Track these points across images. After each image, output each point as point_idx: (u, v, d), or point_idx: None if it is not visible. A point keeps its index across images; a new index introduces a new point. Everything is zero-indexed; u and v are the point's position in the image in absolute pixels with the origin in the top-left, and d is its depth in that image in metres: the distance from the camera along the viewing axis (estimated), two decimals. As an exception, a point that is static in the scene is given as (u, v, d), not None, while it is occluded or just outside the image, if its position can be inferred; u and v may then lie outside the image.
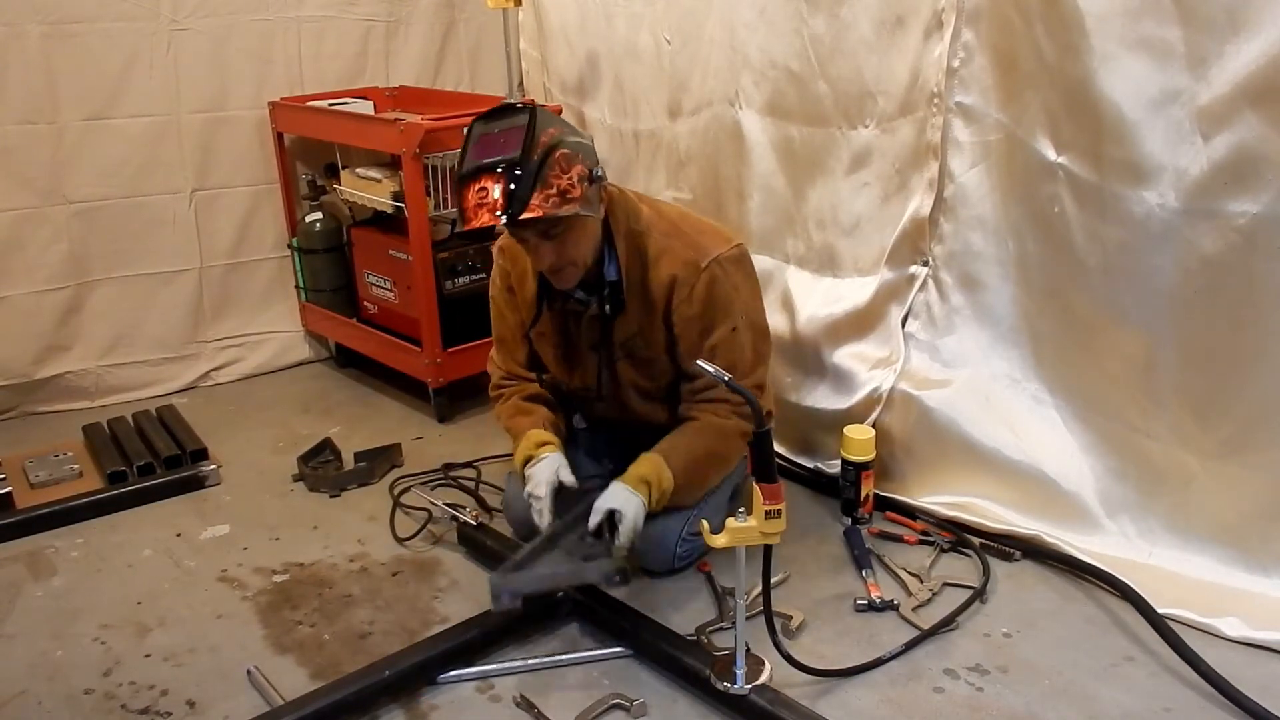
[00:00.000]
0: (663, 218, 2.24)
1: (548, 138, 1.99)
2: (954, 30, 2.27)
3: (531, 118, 1.99)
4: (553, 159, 1.98)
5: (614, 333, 2.25)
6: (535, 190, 1.96)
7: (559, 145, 2.00)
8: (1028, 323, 2.37)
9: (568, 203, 1.99)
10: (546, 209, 1.97)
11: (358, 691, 1.88)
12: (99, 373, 3.36)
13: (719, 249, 2.19)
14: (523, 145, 1.97)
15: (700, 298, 2.16)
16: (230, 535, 2.57)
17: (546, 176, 1.97)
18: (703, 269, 2.15)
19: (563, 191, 1.98)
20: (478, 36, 3.79)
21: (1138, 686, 1.90)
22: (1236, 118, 1.87)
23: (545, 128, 2.00)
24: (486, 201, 1.98)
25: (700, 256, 2.17)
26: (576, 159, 2.02)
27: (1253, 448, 2.04)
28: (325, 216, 3.49)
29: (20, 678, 2.04)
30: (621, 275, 2.18)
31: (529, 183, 1.96)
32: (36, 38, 3.05)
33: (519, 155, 1.96)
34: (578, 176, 2.01)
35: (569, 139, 2.03)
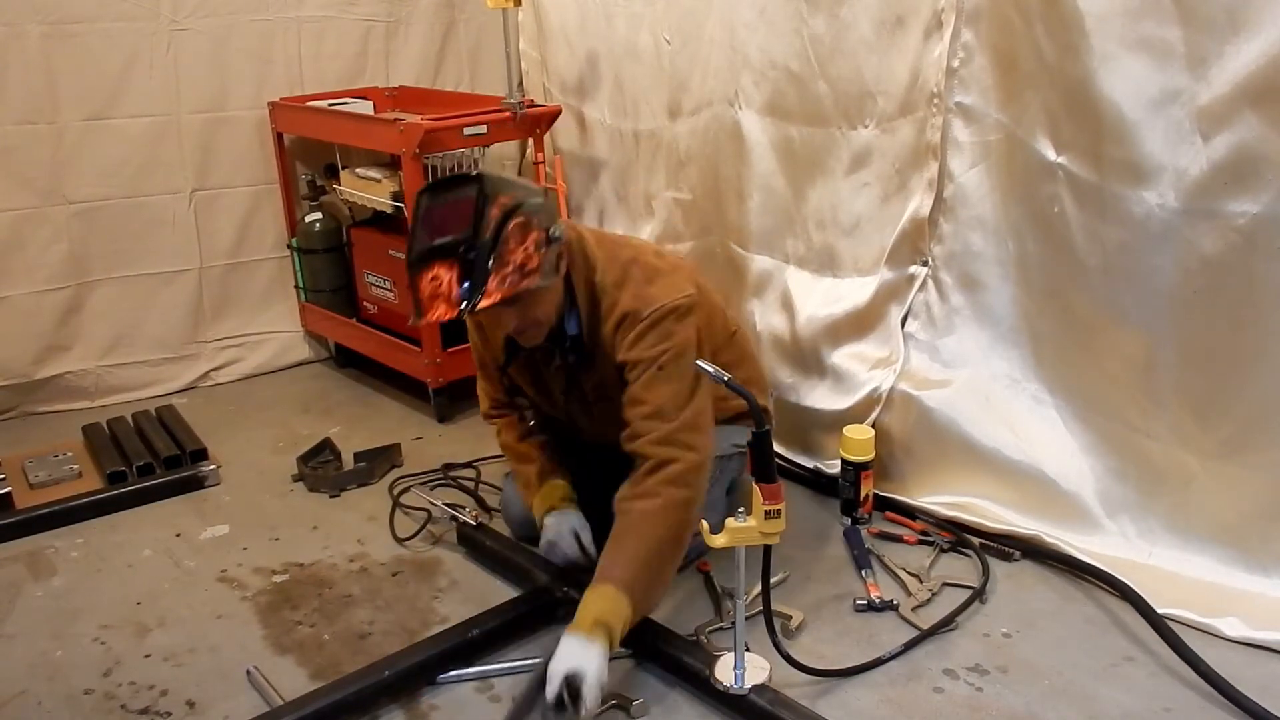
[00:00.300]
0: (615, 263, 2.10)
1: (499, 208, 1.87)
2: (954, 30, 2.27)
3: (480, 187, 1.88)
4: (507, 231, 1.87)
5: (583, 382, 2.18)
6: (492, 273, 1.85)
7: (513, 214, 1.88)
8: (1027, 323, 2.37)
9: (527, 276, 1.88)
10: (505, 290, 1.86)
11: (357, 692, 1.88)
12: (99, 373, 3.36)
13: (662, 299, 2.04)
14: (473, 221, 1.86)
15: (639, 341, 2.03)
16: (230, 535, 2.57)
17: (502, 253, 1.86)
18: (644, 317, 2.02)
19: (520, 266, 1.87)
20: (477, 37, 3.79)
21: (1137, 686, 1.90)
22: (1236, 118, 1.87)
23: (496, 196, 1.88)
24: (441, 291, 1.87)
25: (644, 306, 2.03)
26: (532, 225, 1.90)
27: (1253, 448, 2.04)
28: (325, 217, 3.49)
29: (20, 678, 2.04)
30: (582, 329, 2.09)
31: (484, 265, 1.85)
32: (36, 38, 3.05)
33: (470, 234, 1.85)
34: (535, 244, 1.89)
35: (523, 202, 1.91)
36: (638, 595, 1.88)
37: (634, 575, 1.90)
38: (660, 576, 1.97)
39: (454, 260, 1.86)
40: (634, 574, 1.90)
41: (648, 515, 1.95)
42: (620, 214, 3.44)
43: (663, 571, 1.97)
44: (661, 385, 2.00)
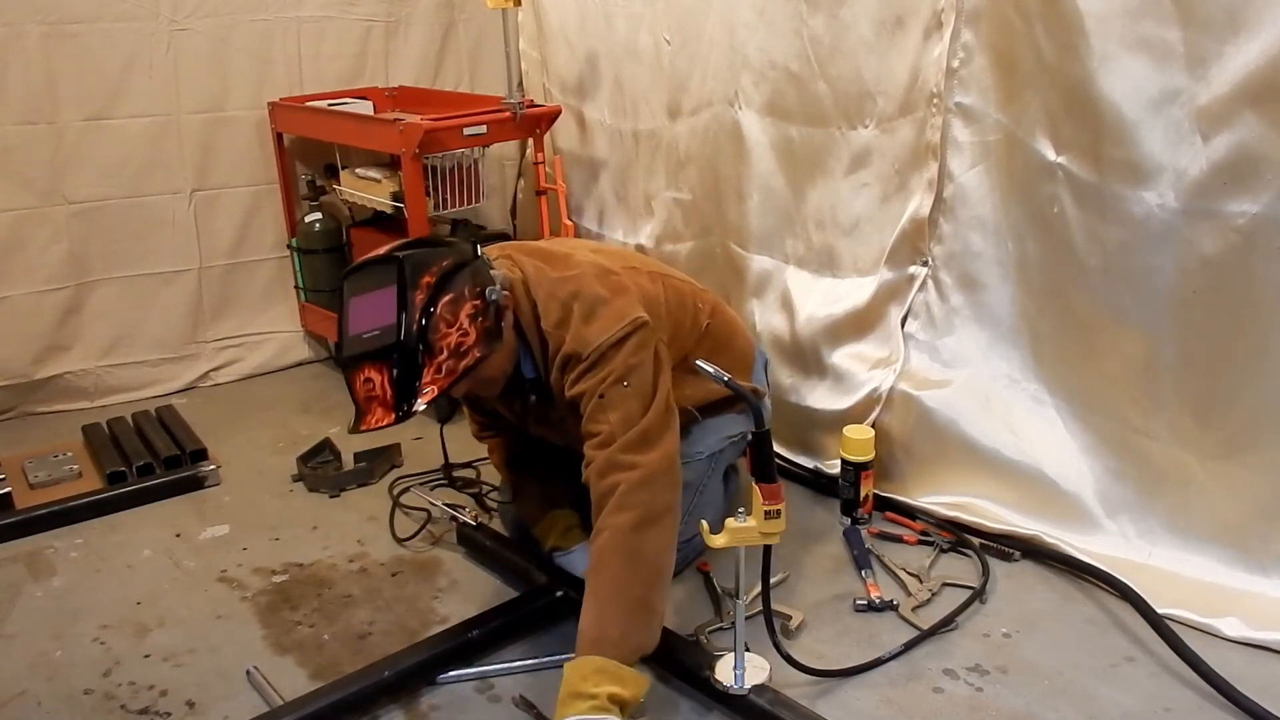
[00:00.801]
0: (554, 302, 1.99)
1: (423, 291, 1.80)
2: (953, 30, 2.27)
3: (400, 272, 1.80)
4: (436, 317, 1.80)
5: (551, 413, 2.13)
6: (425, 366, 1.79)
7: (440, 292, 1.81)
8: (1027, 323, 2.37)
9: (463, 357, 1.82)
10: (442, 381, 1.80)
11: (357, 692, 1.88)
12: (98, 373, 3.36)
13: (602, 336, 1.93)
14: (399, 315, 1.78)
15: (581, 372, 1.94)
16: (230, 535, 2.57)
17: (432, 342, 1.79)
18: (583, 359, 1.94)
19: (455, 348, 1.81)
20: (477, 37, 3.79)
21: (1137, 687, 1.90)
22: (1236, 118, 1.87)
23: (419, 278, 1.81)
24: (375, 394, 1.80)
25: (582, 348, 1.94)
26: (463, 298, 1.83)
27: (1252, 448, 2.04)
28: (325, 217, 3.49)
29: (20, 678, 2.04)
30: (538, 370, 2.04)
31: (415, 363, 1.78)
32: (36, 38, 3.05)
33: (395, 329, 1.78)
34: (468, 318, 1.83)
35: (450, 274, 1.83)
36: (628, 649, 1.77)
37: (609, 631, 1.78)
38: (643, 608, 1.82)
39: (384, 361, 1.79)
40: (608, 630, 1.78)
41: (601, 556, 1.84)
42: (620, 214, 3.44)
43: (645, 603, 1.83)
44: (607, 412, 1.90)
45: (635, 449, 1.88)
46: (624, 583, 1.82)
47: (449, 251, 1.90)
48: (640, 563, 1.83)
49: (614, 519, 1.84)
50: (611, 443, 1.89)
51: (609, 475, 1.87)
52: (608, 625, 1.78)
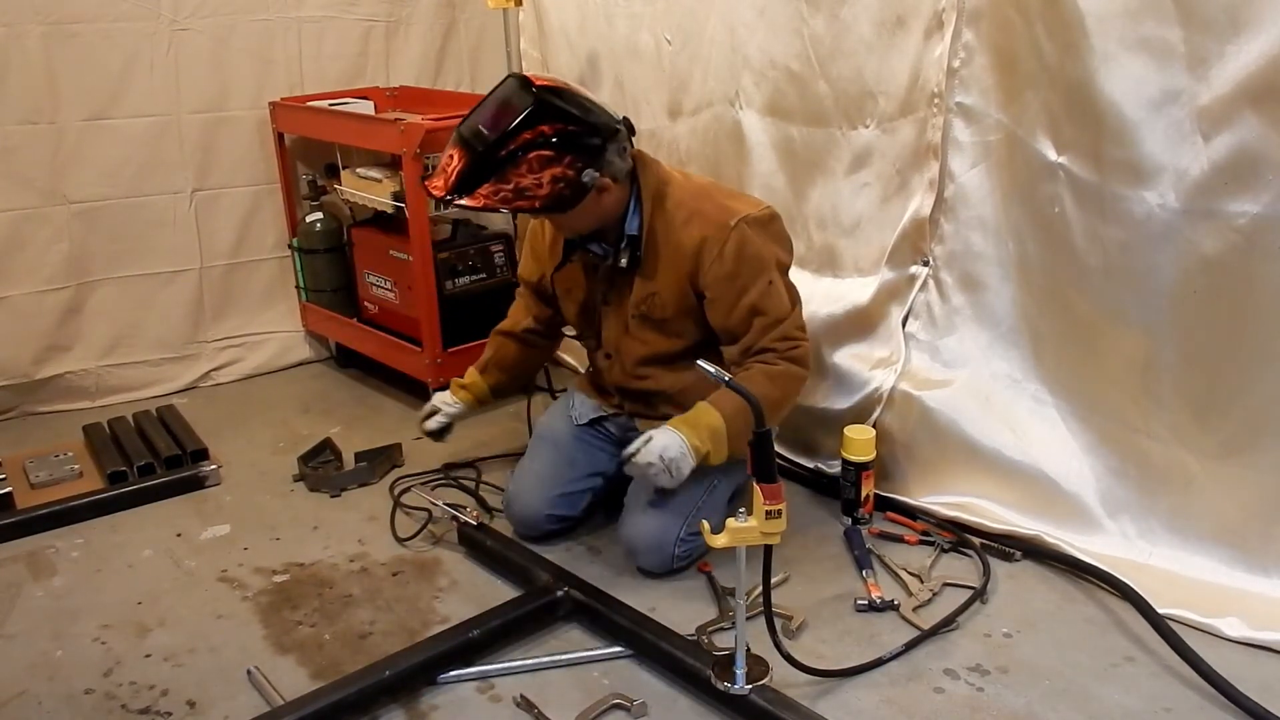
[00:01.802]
0: (692, 182, 2.29)
1: (534, 134, 2.01)
2: (954, 30, 2.27)
3: (534, 108, 2.01)
4: (523, 158, 2.02)
5: (632, 291, 2.27)
6: (489, 180, 2.03)
7: (543, 144, 2.02)
8: (1028, 323, 2.37)
9: (523, 200, 2.05)
10: (492, 201, 2.05)
11: (358, 692, 1.88)
12: (99, 373, 3.36)
13: (747, 210, 2.21)
14: (504, 131, 2.00)
15: (731, 256, 2.17)
16: (230, 535, 2.57)
17: (506, 172, 2.02)
18: (731, 228, 2.16)
19: (520, 190, 2.04)
20: (478, 37, 3.79)
21: (1138, 687, 1.90)
22: (1237, 118, 1.87)
23: (541, 121, 2.02)
24: (446, 170, 2.07)
25: (728, 217, 2.18)
26: (558, 161, 2.04)
27: (1253, 448, 2.04)
28: (326, 216, 3.49)
29: (20, 678, 2.04)
30: (642, 231, 2.21)
31: (485, 171, 2.02)
32: (37, 38, 3.05)
33: (492, 141, 2.01)
34: (550, 178, 2.04)
35: (562, 136, 2.04)
36: (733, 432, 2.14)
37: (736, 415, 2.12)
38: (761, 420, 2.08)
39: (467, 153, 2.04)
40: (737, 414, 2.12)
41: (768, 374, 2.17)
42: (621, 214, 3.43)
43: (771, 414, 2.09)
44: (773, 297, 2.20)
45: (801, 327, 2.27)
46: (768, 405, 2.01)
47: (586, 123, 2.09)
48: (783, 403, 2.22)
49: (791, 366, 2.20)
50: (782, 319, 2.21)
51: (787, 341, 2.21)
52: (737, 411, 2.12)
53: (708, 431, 2.15)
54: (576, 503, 2.45)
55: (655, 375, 2.35)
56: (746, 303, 2.19)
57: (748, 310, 2.19)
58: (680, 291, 2.23)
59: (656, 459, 2.11)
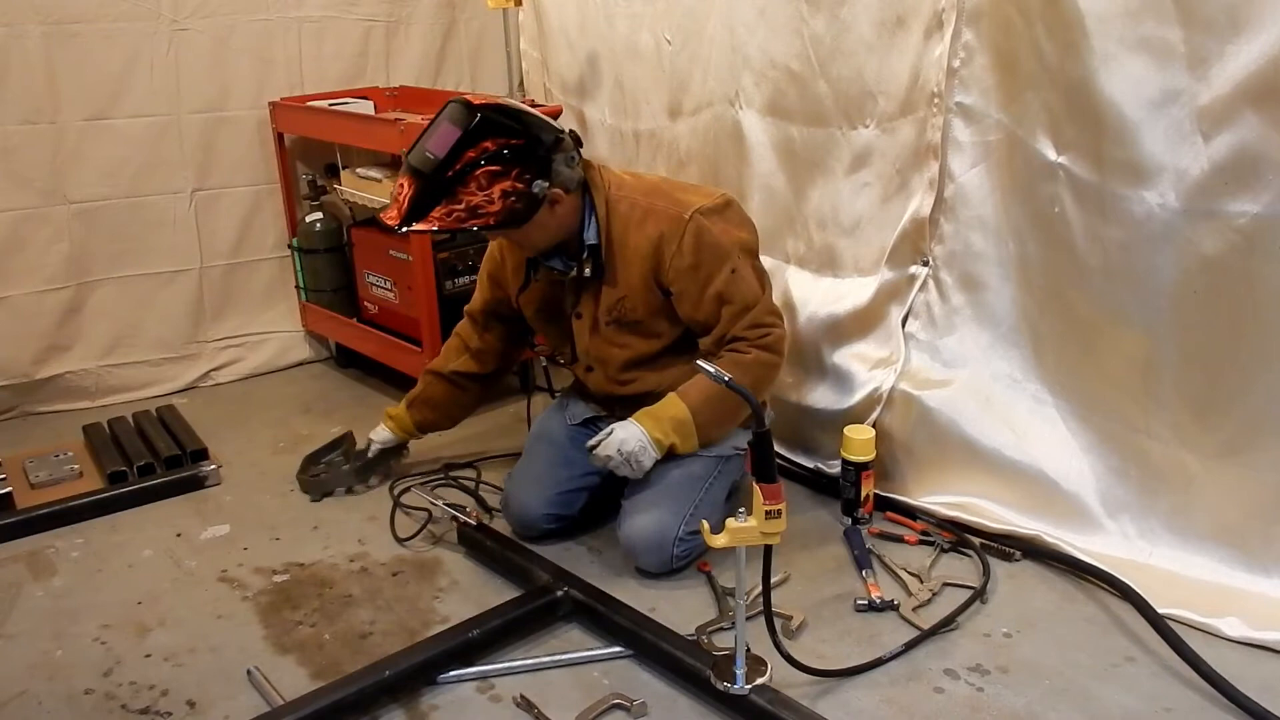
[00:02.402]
0: (643, 181, 2.31)
1: (478, 151, 2.04)
2: (954, 30, 2.27)
3: (475, 126, 2.03)
4: (473, 174, 2.04)
5: (600, 299, 2.29)
6: (440, 204, 2.05)
7: (489, 160, 2.04)
8: (1028, 323, 2.37)
9: (476, 218, 2.07)
10: (445, 223, 2.07)
11: (358, 692, 1.88)
12: (99, 373, 3.36)
13: (700, 201, 2.23)
14: (447, 153, 2.03)
15: (690, 248, 2.19)
16: (230, 535, 2.57)
17: (456, 192, 2.05)
18: (686, 220, 2.18)
19: (473, 208, 2.06)
20: (478, 37, 3.79)
21: (1138, 687, 1.90)
22: (1237, 118, 1.87)
23: (481, 140, 2.04)
24: (398, 199, 2.09)
25: (682, 210, 2.20)
26: (505, 175, 2.06)
27: (1253, 448, 2.04)
28: (325, 216, 3.49)
29: (20, 678, 2.04)
30: (601, 239, 2.23)
31: (434, 196, 2.05)
32: (37, 38, 3.05)
33: (437, 164, 2.04)
34: (501, 193, 2.06)
35: (508, 150, 2.06)
36: (697, 409, 2.21)
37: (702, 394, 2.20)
38: (729, 418, 2.28)
39: (415, 180, 2.07)
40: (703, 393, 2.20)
41: (738, 362, 2.18)
42: (621, 214, 3.43)
43: (733, 414, 2.28)
44: (739, 284, 2.20)
45: (772, 311, 2.28)
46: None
47: (528, 133, 2.11)
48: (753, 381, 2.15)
49: (762, 353, 2.22)
50: (750, 306, 2.22)
51: (758, 328, 2.22)
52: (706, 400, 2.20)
53: (671, 423, 2.22)
54: (573, 502, 2.45)
55: (641, 377, 2.35)
56: (712, 292, 2.20)
57: (715, 300, 2.21)
58: (647, 291, 2.25)
59: (615, 452, 2.20)
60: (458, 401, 2.68)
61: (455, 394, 2.66)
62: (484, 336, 2.60)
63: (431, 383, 2.66)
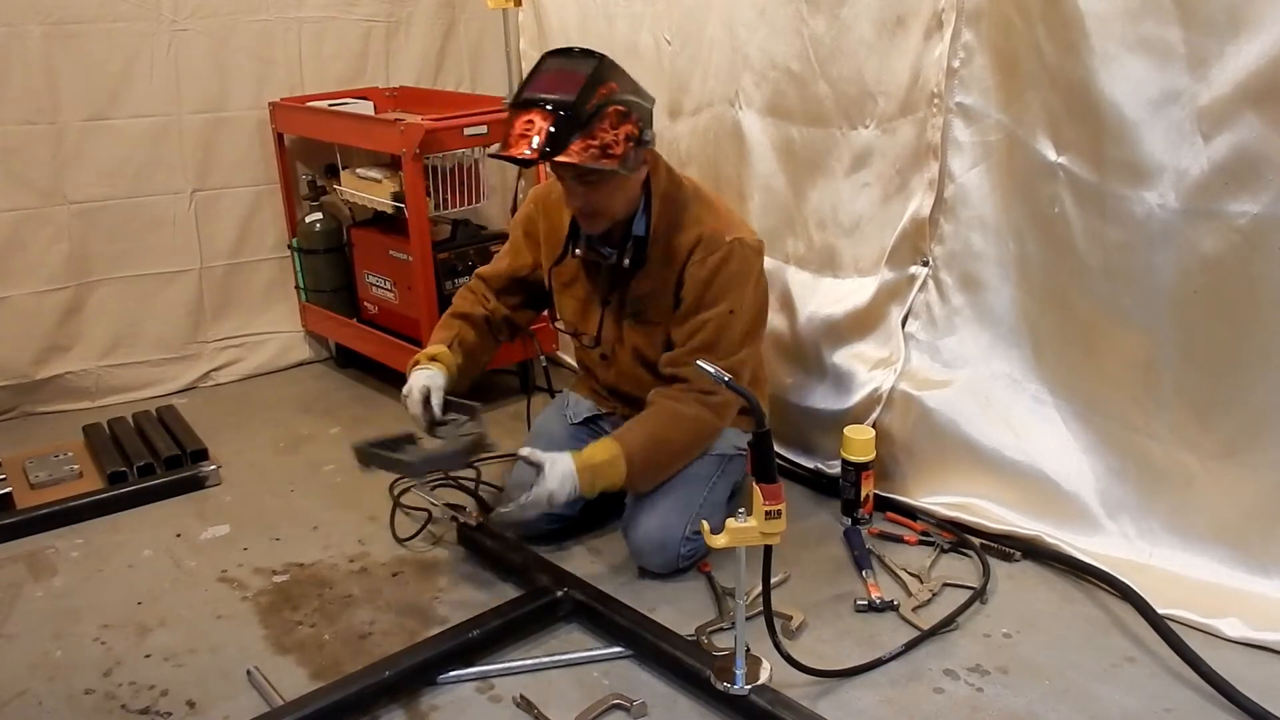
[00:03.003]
0: (702, 192, 2.33)
1: (607, 90, 2.06)
2: (954, 30, 2.27)
3: (598, 68, 2.07)
4: (605, 112, 2.05)
5: (629, 290, 2.29)
6: (577, 138, 2.03)
7: (615, 101, 2.06)
8: (1028, 323, 2.37)
9: (606, 158, 2.05)
10: (583, 158, 2.04)
11: (358, 692, 1.88)
12: (99, 373, 3.36)
13: (744, 234, 2.27)
14: (580, 90, 2.03)
15: (713, 265, 2.20)
16: (230, 535, 2.57)
17: (593, 128, 2.04)
18: (726, 241, 2.21)
19: (604, 146, 2.05)
20: (478, 37, 3.79)
21: (1138, 687, 1.90)
22: (1237, 118, 1.87)
23: (608, 80, 2.07)
24: (528, 134, 2.05)
25: (727, 231, 2.23)
26: (628, 119, 2.08)
27: (1253, 448, 2.04)
28: (325, 217, 3.49)
29: (21, 678, 2.04)
30: (649, 232, 2.24)
31: (573, 129, 2.03)
32: (37, 38, 3.05)
33: (573, 99, 2.03)
34: (624, 135, 2.07)
35: (627, 97, 2.09)
36: (635, 470, 2.19)
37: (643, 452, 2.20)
38: (663, 470, 2.26)
39: (551, 114, 2.03)
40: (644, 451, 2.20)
41: (679, 415, 2.22)
42: (621, 214, 3.43)
43: (668, 467, 2.27)
44: (726, 330, 2.21)
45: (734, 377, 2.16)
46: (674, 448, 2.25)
47: (637, 88, 2.15)
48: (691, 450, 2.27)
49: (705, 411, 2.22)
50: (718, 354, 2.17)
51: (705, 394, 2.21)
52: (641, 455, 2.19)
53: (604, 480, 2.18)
54: (574, 503, 2.45)
55: (645, 383, 2.35)
56: (702, 318, 2.21)
57: (698, 326, 2.21)
58: (669, 292, 2.25)
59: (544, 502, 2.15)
60: (486, 349, 2.54)
61: (484, 341, 2.52)
62: (502, 300, 2.52)
63: (462, 327, 2.49)
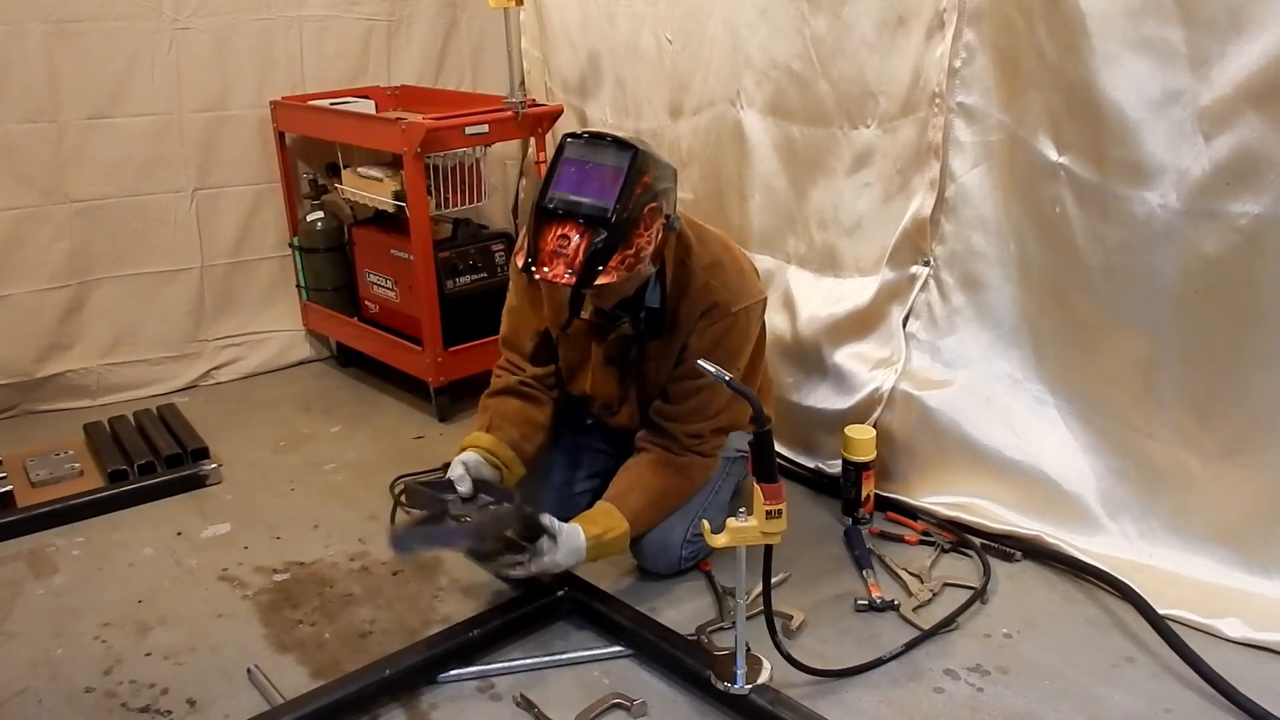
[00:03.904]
0: (707, 249, 2.16)
1: (642, 189, 1.88)
2: (955, 30, 2.27)
3: (634, 162, 1.88)
4: (642, 215, 1.88)
5: (634, 355, 2.20)
6: (616, 250, 1.85)
7: (650, 199, 1.89)
8: (1029, 323, 2.37)
9: (640, 262, 1.90)
10: (620, 273, 1.87)
11: (358, 691, 1.88)
12: (100, 371, 3.36)
13: (749, 299, 2.16)
14: (619, 195, 1.85)
15: (715, 337, 2.12)
16: (231, 534, 2.57)
17: (630, 237, 1.87)
18: (732, 313, 2.11)
19: (639, 251, 1.89)
20: (479, 36, 3.79)
21: (1138, 687, 1.90)
22: (1238, 118, 1.87)
23: (642, 175, 1.89)
24: (564, 253, 1.85)
25: (734, 300, 2.12)
26: (660, 212, 1.93)
27: (1254, 448, 2.04)
28: (326, 215, 3.49)
29: (21, 676, 2.04)
30: (664, 303, 2.12)
31: (614, 244, 1.85)
32: (39, 36, 3.05)
33: (613, 207, 1.84)
34: (657, 231, 1.92)
35: (660, 185, 1.93)
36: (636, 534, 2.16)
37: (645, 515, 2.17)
38: (658, 516, 2.22)
39: (589, 228, 1.85)
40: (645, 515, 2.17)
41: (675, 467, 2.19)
42: (622, 213, 3.43)
43: (663, 513, 2.22)
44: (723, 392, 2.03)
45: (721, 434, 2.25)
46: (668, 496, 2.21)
47: (663, 165, 2.00)
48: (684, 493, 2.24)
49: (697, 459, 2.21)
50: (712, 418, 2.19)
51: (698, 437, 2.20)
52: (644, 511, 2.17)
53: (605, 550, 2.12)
54: (577, 504, 2.44)
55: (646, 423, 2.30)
56: (697, 384, 2.14)
57: (692, 389, 2.15)
58: (673, 357, 2.17)
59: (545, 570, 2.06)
60: (539, 411, 2.31)
61: (532, 406, 2.30)
62: (535, 358, 2.33)
63: (500, 402, 2.30)
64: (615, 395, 2.30)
